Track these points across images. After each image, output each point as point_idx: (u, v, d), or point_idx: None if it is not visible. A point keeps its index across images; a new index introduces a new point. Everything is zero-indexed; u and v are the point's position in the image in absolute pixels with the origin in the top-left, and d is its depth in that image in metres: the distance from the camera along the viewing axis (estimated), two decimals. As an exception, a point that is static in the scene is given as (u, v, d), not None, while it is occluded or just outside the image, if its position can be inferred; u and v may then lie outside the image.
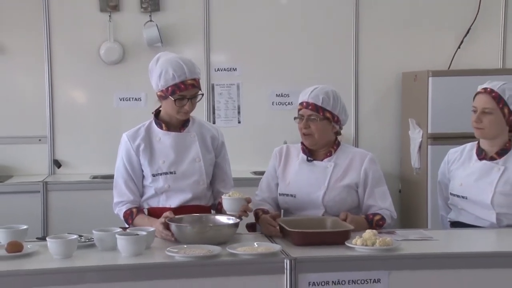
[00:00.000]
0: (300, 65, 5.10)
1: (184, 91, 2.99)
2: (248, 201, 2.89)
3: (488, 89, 3.17)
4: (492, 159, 3.19)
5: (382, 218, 3.05)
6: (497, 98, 3.14)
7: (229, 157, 3.27)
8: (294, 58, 5.14)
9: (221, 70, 5.15)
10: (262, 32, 5.14)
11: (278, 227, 2.84)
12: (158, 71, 3.02)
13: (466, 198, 3.20)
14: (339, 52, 5.19)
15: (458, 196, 3.24)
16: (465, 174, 3.23)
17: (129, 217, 3.04)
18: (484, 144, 3.23)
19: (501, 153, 3.18)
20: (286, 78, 5.10)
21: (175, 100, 3.00)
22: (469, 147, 3.32)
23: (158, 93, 3.06)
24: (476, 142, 3.28)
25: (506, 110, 3.14)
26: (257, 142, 4.92)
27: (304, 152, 3.18)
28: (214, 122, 5.01)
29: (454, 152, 3.37)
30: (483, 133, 3.19)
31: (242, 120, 5.18)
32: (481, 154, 3.22)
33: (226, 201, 2.86)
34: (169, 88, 3.00)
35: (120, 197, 3.09)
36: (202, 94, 3.09)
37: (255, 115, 5.17)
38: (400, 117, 5.21)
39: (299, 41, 5.15)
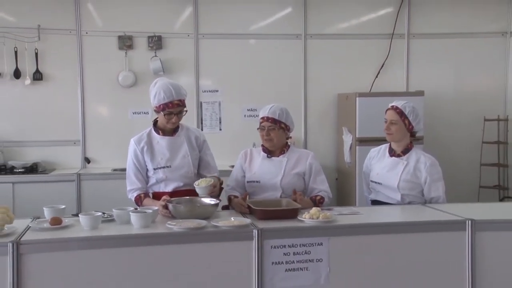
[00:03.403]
0: (264, 88, 5.11)
1: (171, 108, 2.97)
2: (214, 184, 2.88)
3: (394, 106, 3.22)
4: (398, 156, 3.23)
5: (322, 198, 3.08)
6: (400, 113, 3.18)
7: (211, 151, 3.22)
8: (260, 83, 5.15)
9: (207, 92, 5.13)
10: (237, 64, 5.15)
11: (247, 206, 2.84)
12: (154, 92, 3.00)
13: (381, 184, 3.23)
14: (292, 79, 5.21)
15: (375, 182, 3.26)
16: (381, 166, 3.26)
17: (138, 201, 3.02)
18: (394, 145, 3.27)
19: (405, 151, 3.22)
20: (254, 97, 5.10)
21: (164, 115, 2.98)
22: (384, 147, 3.35)
23: (154, 108, 3.04)
24: (389, 144, 3.31)
25: (406, 121, 3.19)
26: (233, 144, 4.89)
27: (264, 151, 3.18)
28: (202, 130, 4.98)
29: (374, 151, 3.40)
30: (391, 138, 3.23)
31: (222, 128, 5.17)
32: (392, 152, 3.26)
33: (197, 189, 2.87)
34: (161, 106, 2.98)
35: (131, 185, 3.06)
36: (186, 111, 3.06)
37: (232, 124, 5.16)
38: (336, 126, 5.24)
39: (263, 70, 5.16)
